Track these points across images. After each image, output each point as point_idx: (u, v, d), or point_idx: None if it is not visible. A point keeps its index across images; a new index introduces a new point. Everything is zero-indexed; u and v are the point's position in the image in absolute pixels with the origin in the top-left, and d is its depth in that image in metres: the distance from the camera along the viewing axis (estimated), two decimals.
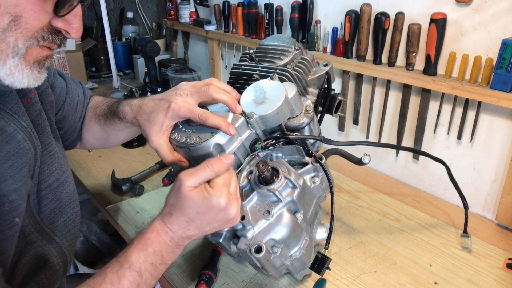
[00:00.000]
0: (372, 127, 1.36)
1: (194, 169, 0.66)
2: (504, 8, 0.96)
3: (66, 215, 0.81)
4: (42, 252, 0.75)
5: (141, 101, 0.80)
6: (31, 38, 0.55)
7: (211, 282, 0.88)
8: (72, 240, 0.83)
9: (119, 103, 0.85)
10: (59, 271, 0.78)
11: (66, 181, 0.81)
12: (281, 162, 0.79)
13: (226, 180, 0.66)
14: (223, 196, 0.64)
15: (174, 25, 2.09)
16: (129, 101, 0.82)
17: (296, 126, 0.84)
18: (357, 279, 0.91)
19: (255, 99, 0.76)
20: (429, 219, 1.12)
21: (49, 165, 0.76)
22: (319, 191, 0.83)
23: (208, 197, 0.64)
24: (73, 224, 0.83)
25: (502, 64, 0.95)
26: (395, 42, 1.17)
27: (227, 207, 0.65)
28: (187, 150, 0.74)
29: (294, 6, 1.38)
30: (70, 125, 0.92)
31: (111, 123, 0.88)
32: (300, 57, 0.92)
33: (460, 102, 1.11)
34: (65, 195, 0.80)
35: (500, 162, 1.08)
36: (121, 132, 0.90)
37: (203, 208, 0.65)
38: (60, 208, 0.79)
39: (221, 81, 0.78)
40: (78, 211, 0.85)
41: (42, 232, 0.75)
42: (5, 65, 0.55)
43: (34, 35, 0.55)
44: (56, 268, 0.77)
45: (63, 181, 0.79)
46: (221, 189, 0.65)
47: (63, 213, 0.80)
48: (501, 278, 0.91)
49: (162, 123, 0.74)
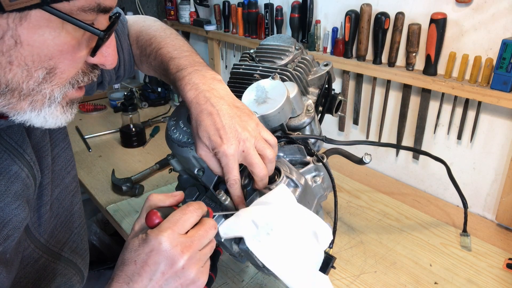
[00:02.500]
0: (372, 127, 1.36)
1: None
2: (504, 8, 0.97)
3: (70, 230, 0.80)
4: (59, 273, 0.75)
5: (204, 101, 0.67)
6: (66, 85, 0.52)
7: (211, 282, 0.88)
8: (84, 254, 0.82)
9: (181, 79, 0.71)
10: (76, 286, 0.78)
11: (62, 195, 0.79)
12: (282, 161, 0.78)
13: (173, 219, 0.55)
14: (164, 236, 0.52)
15: (174, 25, 2.08)
16: (195, 85, 0.68)
17: (297, 125, 0.84)
18: (357, 279, 0.91)
19: (256, 98, 0.76)
20: (429, 219, 1.12)
21: (46, 185, 0.72)
22: (320, 191, 0.83)
23: (146, 239, 0.53)
24: (80, 238, 0.82)
25: (502, 64, 0.95)
26: (395, 42, 1.17)
27: (172, 253, 0.52)
28: (188, 150, 0.74)
29: (294, 6, 1.38)
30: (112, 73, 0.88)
31: (166, 81, 0.81)
32: (300, 57, 0.92)
33: (460, 102, 1.11)
34: (64, 210, 0.79)
35: (500, 162, 1.09)
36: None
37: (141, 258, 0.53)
38: (61, 224, 0.78)
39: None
40: (81, 224, 0.83)
41: (51, 253, 0.75)
42: (40, 114, 0.53)
43: (69, 82, 0.52)
44: (75, 285, 0.77)
45: (58, 197, 0.77)
46: (163, 228, 0.53)
47: (67, 228, 0.79)
48: (501, 278, 0.92)
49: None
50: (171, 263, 0.52)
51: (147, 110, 1.92)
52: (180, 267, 0.53)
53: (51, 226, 0.75)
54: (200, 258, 0.55)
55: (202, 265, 0.56)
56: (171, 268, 0.52)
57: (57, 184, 0.77)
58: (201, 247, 0.56)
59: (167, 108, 1.93)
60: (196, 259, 0.54)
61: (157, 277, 0.52)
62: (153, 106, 1.95)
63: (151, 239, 0.53)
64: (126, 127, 1.55)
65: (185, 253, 0.53)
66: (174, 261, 0.52)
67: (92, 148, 1.53)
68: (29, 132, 0.68)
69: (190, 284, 0.54)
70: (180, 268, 0.53)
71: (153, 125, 1.73)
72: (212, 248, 0.58)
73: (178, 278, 0.53)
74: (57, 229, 0.77)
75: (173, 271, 0.52)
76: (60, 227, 0.78)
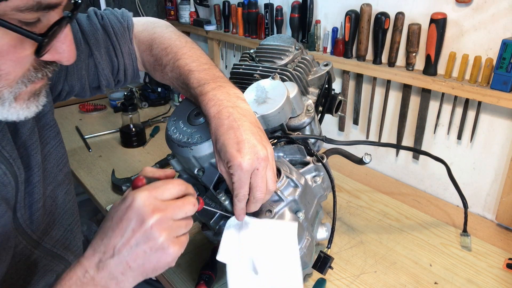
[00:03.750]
0: (372, 127, 1.36)
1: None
2: (504, 8, 0.97)
3: (63, 227, 0.80)
4: (51, 270, 0.75)
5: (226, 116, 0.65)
6: (16, 85, 0.50)
7: (211, 282, 0.88)
8: (77, 251, 0.82)
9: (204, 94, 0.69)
10: None
11: (55, 192, 0.79)
12: (282, 161, 0.79)
13: (154, 185, 0.54)
14: (140, 195, 0.52)
15: (174, 25, 2.07)
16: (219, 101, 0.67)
17: (297, 125, 0.84)
18: (357, 279, 0.91)
19: (256, 98, 0.76)
20: (429, 219, 1.12)
21: (36, 183, 0.72)
22: (320, 191, 0.83)
23: (124, 198, 0.54)
24: (72, 235, 0.82)
25: (502, 64, 0.95)
26: (395, 42, 1.17)
27: (143, 210, 0.51)
28: (188, 150, 0.74)
29: (294, 6, 1.38)
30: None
31: (184, 93, 0.79)
32: (300, 57, 0.92)
33: (460, 102, 1.11)
34: (57, 207, 0.78)
35: (500, 162, 1.09)
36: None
37: (117, 214, 0.53)
38: (54, 221, 0.78)
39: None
40: (75, 220, 0.83)
41: (44, 249, 0.75)
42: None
43: (19, 82, 0.50)
44: None
45: (51, 195, 0.77)
46: (141, 189, 0.53)
47: (60, 225, 0.79)
48: (501, 278, 0.92)
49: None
50: (141, 220, 0.51)
51: (147, 110, 1.92)
52: (149, 227, 0.51)
53: (44, 224, 0.75)
54: (172, 227, 0.53)
55: (174, 235, 0.54)
56: (141, 226, 0.51)
57: (49, 182, 0.77)
58: (175, 217, 0.54)
59: (167, 108, 1.92)
60: (168, 225, 0.53)
61: (128, 234, 0.52)
62: (153, 106, 1.95)
63: (128, 197, 0.53)
64: (126, 127, 1.55)
65: (155, 213, 0.52)
66: (144, 218, 0.51)
67: (92, 148, 1.53)
68: (16, 130, 0.68)
69: (159, 250, 0.52)
70: (149, 228, 0.51)
71: (153, 125, 1.73)
72: (188, 225, 0.56)
73: (147, 240, 0.52)
74: (50, 226, 0.77)
75: (143, 229, 0.51)
76: (53, 224, 0.78)
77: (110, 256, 0.52)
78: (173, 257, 0.54)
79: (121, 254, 0.52)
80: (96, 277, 0.52)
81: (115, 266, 0.52)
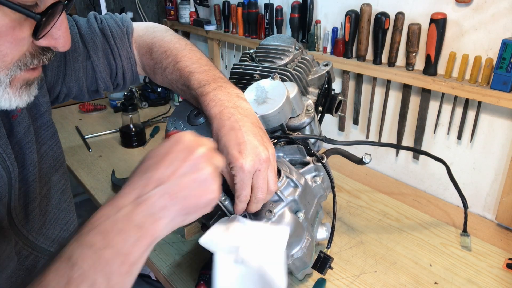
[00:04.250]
0: (372, 127, 1.36)
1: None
2: (504, 8, 0.97)
3: (59, 227, 0.80)
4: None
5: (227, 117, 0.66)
6: (12, 68, 0.52)
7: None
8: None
9: (205, 95, 0.70)
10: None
11: (50, 192, 0.78)
12: (282, 161, 0.79)
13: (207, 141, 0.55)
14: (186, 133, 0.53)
15: (174, 25, 2.08)
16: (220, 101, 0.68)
17: (297, 125, 0.84)
18: (357, 279, 0.91)
19: (256, 98, 0.76)
20: (429, 219, 1.12)
21: (31, 182, 0.72)
22: (320, 191, 0.83)
23: (165, 141, 0.53)
24: (69, 235, 0.82)
25: (502, 64, 0.95)
26: (395, 42, 1.17)
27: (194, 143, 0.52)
28: None
29: (294, 6, 1.38)
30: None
31: (184, 95, 0.80)
32: (300, 57, 0.92)
33: (460, 102, 1.11)
34: (53, 207, 0.78)
35: (500, 162, 1.09)
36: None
37: (161, 151, 0.52)
38: (49, 221, 0.78)
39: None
40: (71, 220, 0.83)
41: (41, 250, 0.75)
42: None
43: (15, 65, 0.52)
44: None
45: (46, 194, 0.77)
46: (184, 132, 0.54)
47: (56, 225, 0.79)
48: (501, 278, 0.92)
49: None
50: (190, 151, 0.51)
51: (147, 110, 1.92)
52: (199, 156, 0.51)
53: (40, 223, 0.75)
54: (215, 163, 0.53)
55: (216, 170, 0.53)
56: (190, 155, 0.51)
57: (45, 182, 0.77)
58: (215, 161, 0.54)
59: (167, 108, 1.92)
60: (213, 160, 0.53)
61: (176, 164, 0.50)
62: (153, 106, 1.95)
63: (171, 139, 0.52)
64: (126, 127, 1.55)
65: (203, 146, 0.52)
66: (193, 149, 0.51)
67: (92, 148, 1.53)
68: (11, 128, 0.68)
69: (204, 183, 0.51)
70: (199, 157, 0.51)
71: (153, 125, 1.73)
72: (220, 172, 0.55)
73: (195, 169, 0.50)
74: (46, 226, 0.77)
75: (192, 158, 0.51)
76: (48, 224, 0.78)
77: (152, 188, 0.49)
78: (214, 195, 0.52)
79: (166, 184, 0.49)
80: (132, 213, 0.47)
81: (157, 199, 0.48)
